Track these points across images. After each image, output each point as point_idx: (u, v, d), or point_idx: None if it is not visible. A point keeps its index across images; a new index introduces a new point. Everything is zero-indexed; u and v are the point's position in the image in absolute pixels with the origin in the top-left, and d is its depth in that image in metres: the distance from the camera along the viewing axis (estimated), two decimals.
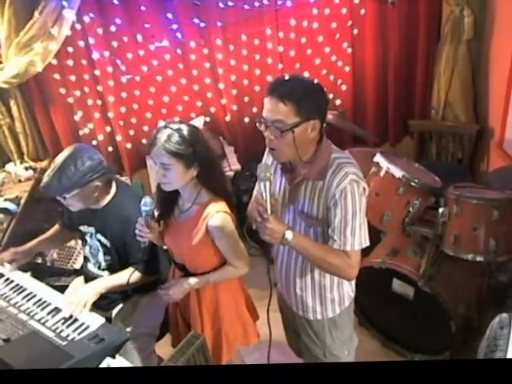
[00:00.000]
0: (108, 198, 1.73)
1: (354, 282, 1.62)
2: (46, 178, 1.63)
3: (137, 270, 1.69)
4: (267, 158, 1.52)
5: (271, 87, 1.32)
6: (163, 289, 1.63)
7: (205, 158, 1.47)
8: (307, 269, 1.53)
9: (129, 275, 1.66)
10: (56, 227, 1.98)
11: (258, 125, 1.36)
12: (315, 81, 1.40)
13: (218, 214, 1.49)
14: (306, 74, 3.01)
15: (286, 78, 1.37)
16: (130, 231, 1.58)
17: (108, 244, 1.75)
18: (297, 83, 1.33)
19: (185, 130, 1.44)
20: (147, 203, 1.50)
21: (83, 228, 1.81)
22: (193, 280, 1.59)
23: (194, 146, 1.43)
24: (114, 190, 1.74)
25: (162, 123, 1.49)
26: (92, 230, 1.78)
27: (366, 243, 1.40)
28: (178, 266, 1.67)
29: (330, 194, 1.35)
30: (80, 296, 1.64)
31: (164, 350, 1.97)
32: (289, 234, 1.31)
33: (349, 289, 1.60)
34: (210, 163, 1.50)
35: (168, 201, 1.60)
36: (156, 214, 1.60)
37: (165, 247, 1.74)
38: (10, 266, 1.85)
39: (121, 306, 1.85)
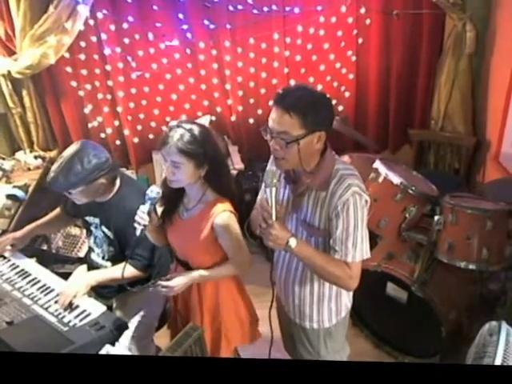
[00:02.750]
0: (113, 191, 1.76)
1: (351, 293, 1.62)
2: (52, 173, 1.63)
3: (130, 264, 1.70)
4: (271, 166, 1.49)
5: (277, 98, 1.30)
6: (164, 281, 1.61)
7: (214, 159, 1.49)
8: (307, 277, 1.52)
9: (122, 269, 1.60)
10: (57, 211, 1.98)
11: (263, 134, 1.35)
12: (321, 92, 1.39)
13: (223, 212, 1.50)
14: (311, 80, 3.07)
15: (293, 88, 1.35)
16: (132, 224, 1.57)
17: (111, 236, 1.77)
18: (303, 95, 1.30)
19: (197, 130, 1.46)
20: (153, 191, 1.49)
21: (89, 218, 1.84)
22: (194, 274, 1.59)
23: (204, 147, 1.45)
24: (118, 183, 1.77)
25: (174, 122, 1.52)
26: (97, 221, 1.81)
27: (367, 255, 1.39)
28: (181, 263, 1.67)
29: (333, 205, 1.34)
30: (70, 287, 1.67)
31: (163, 340, 2.00)
32: (292, 242, 1.30)
33: (346, 300, 1.60)
34: (218, 164, 1.52)
35: (173, 198, 1.61)
36: (159, 210, 1.61)
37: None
38: (9, 251, 1.89)
39: (122, 295, 1.87)
